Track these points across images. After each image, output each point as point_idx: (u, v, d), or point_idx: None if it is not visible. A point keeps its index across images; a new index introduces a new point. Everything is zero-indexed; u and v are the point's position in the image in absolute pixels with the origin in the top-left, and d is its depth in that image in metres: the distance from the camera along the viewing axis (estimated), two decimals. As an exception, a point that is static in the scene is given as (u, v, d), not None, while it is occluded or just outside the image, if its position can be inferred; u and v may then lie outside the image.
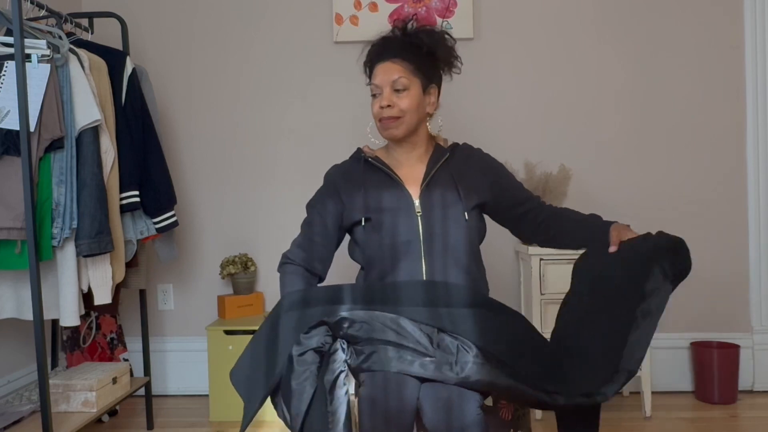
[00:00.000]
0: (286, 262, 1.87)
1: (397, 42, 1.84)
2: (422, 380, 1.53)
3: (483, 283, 1.87)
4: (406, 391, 1.51)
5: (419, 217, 1.77)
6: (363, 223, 1.79)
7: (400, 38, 1.84)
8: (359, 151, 1.92)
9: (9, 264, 2.07)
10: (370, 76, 1.89)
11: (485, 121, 3.02)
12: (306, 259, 1.83)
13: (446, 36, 1.88)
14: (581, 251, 1.83)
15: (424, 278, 1.74)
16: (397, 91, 1.80)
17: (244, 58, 3.09)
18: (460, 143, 1.96)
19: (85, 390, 2.30)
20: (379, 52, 1.84)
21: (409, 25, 1.85)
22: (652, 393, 2.84)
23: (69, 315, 2.12)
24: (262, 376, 1.55)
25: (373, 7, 2.99)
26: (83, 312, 2.19)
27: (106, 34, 2.89)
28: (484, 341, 1.54)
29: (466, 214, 1.78)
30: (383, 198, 1.79)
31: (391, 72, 1.80)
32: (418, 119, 1.83)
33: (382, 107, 1.80)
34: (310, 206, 1.90)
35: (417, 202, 1.78)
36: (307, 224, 1.88)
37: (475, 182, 1.85)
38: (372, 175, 1.84)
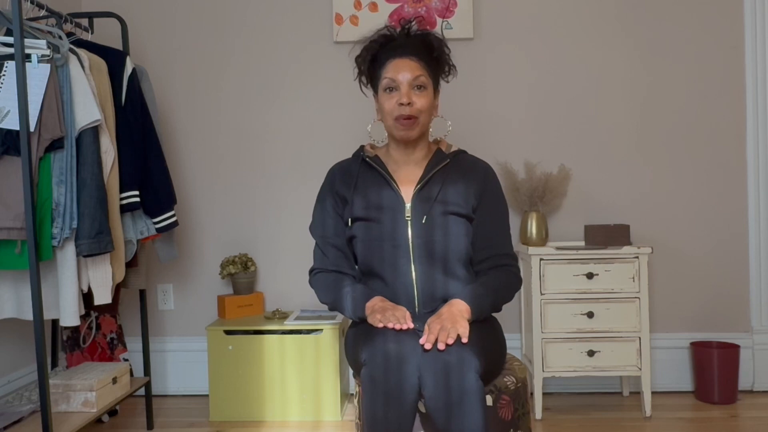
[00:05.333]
0: (314, 271, 1.88)
1: (411, 40, 1.79)
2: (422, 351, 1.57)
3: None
4: (407, 369, 1.52)
5: (408, 221, 1.76)
6: (351, 224, 1.80)
7: (411, 37, 1.80)
8: (361, 148, 1.91)
9: (9, 264, 2.07)
10: (371, 71, 1.83)
11: (485, 121, 3.02)
12: (332, 265, 1.84)
13: (446, 44, 1.86)
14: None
15: (414, 282, 1.75)
16: (416, 88, 1.75)
17: (244, 57, 3.09)
18: (468, 152, 1.93)
19: (85, 390, 2.29)
20: (393, 47, 1.78)
21: (413, 27, 1.81)
22: (652, 393, 2.84)
23: (69, 315, 2.12)
24: None
25: (373, 7, 2.99)
26: (83, 312, 2.19)
27: (106, 34, 2.89)
28: None
29: (456, 220, 1.77)
30: (375, 198, 1.79)
31: (411, 68, 1.75)
32: (429, 121, 1.82)
33: (402, 104, 1.74)
34: (316, 209, 1.90)
35: (408, 205, 1.78)
36: (318, 230, 1.88)
37: (465, 193, 1.80)
38: (368, 174, 1.84)
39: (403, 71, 1.75)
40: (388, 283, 1.76)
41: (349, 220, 1.80)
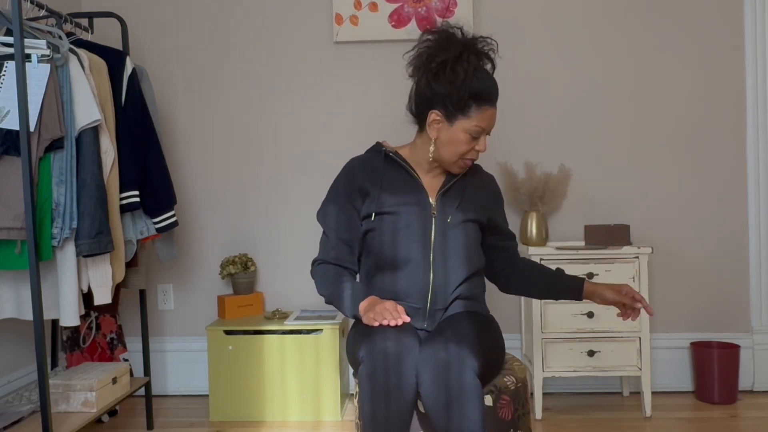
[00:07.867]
0: (317, 262, 1.86)
1: (495, 81, 1.80)
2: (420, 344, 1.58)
3: (481, 286, 1.89)
4: (406, 365, 1.53)
5: (433, 219, 1.79)
6: (373, 218, 1.79)
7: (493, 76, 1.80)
8: (379, 144, 1.90)
9: (9, 264, 2.07)
10: (457, 100, 1.74)
11: (485, 121, 3.02)
12: (336, 258, 1.83)
13: None
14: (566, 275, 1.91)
15: (431, 280, 1.76)
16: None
17: (244, 58, 3.10)
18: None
19: (85, 390, 2.30)
20: (489, 89, 1.75)
21: (491, 54, 1.80)
22: (652, 393, 2.84)
23: (69, 315, 2.12)
24: None
25: (373, 7, 2.99)
26: (83, 312, 2.19)
27: (106, 34, 2.89)
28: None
29: (473, 227, 1.83)
30: (402, 194, 1.80)
31: (495, 119, 1.79)
32: None
33: (479, 151, 1.79)
34: (330, 200, 1.86)
35: (434, 203, 1.80)
36: (328, 221, 1.85)
37: (483, 201, 1.88)
38: (392, 170, 1.84)
39: (490, 122, 1.77)
40: (403, 277, 1.77)
41: (373, 214, 1.79)
